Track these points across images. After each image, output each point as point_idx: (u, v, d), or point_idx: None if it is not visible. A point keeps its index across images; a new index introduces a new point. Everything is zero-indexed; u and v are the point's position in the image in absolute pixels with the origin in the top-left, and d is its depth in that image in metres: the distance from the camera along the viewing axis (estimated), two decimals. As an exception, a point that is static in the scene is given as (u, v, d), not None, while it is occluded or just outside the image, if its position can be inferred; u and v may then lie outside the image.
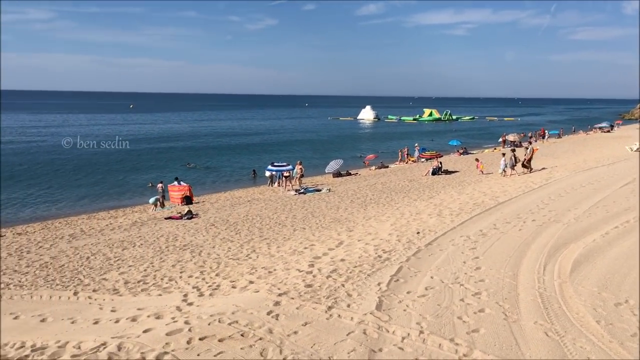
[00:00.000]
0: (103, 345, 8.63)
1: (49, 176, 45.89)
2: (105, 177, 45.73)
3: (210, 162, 56.62)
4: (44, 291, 14.21)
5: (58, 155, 59.67)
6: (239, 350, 8.00)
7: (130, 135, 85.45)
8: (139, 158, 58.68)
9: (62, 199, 36.82)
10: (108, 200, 36.93)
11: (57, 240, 22.07)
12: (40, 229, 26.66)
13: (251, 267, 14.65)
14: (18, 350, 9.36)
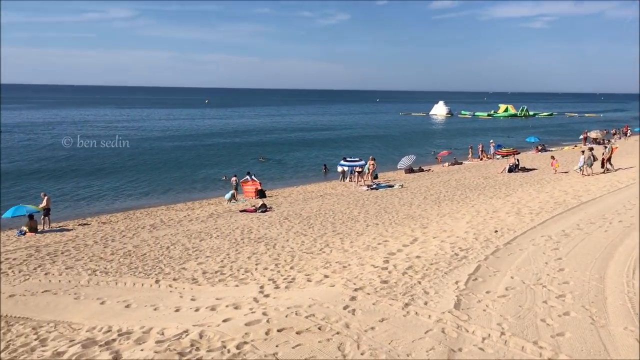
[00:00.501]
0: (185, 333, 8.91)
1: (136, 169, 47.89)
2: (184, 171, 47.24)
3: (282, 157, 57.34)
4: (127, 278, 14.84)
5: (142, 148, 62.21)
6: (317, 343, 8.05)
7: (206, 130, 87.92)
8: (214, 152, 60.23)
9: (147, 191, 38.36)
10: (185, 192, 38.14)
11: (139, 230, 22.99)
12: (123, 219, 27.88)
13: (325, 261, 14.71)
14: (106, 334, 9.83)
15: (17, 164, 48.21)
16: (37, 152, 56.49)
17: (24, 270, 16.70)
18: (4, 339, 10.47)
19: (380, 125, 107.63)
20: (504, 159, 45.73)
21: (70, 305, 12.61)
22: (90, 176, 43.16)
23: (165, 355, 7.89)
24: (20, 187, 37.89)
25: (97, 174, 44.45)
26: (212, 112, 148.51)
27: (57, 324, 11.15)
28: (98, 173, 44.82)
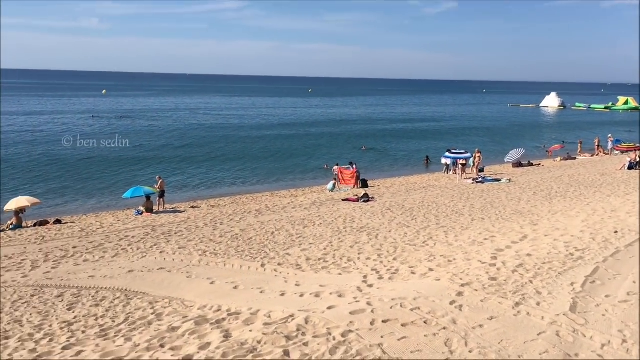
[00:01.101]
0: (291, 317, 9.08)
1: (242, 156, 49.61)
2: (287, 159, 48.27)
3: (385, 147, 57.00)
4: (235, 260, 15.39)
5: (247, 135, 64.33)
6: (423, 337, 7.92)
7: (308, 119, 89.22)
8: (316, 141, 61.00)
9: (252, 178, 39.63)
10: (288, 180, 38.99)
11: (245, 215, 23.76)
12: (230, 203, 28.96)
13: (429, 254, 14.45)
14: (216, 312, 10.24)
15: (140, 149, 51.38)
16: (157, 138, 59.89)
17: (142, 247, 17.79)
18: (124, 311, 11.21)
19: (486, 116, 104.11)
20: (623, 154, 42.66)
21: (183, 283, 13.28)
22: (201, 163, 45.21)
23: (272, 337, 8.09)
24: (140, 170, 40.43)
25: (208, 160, 46.46)
26: (314, 101, 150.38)
27: (172, 300, 11.78)
28: (208, 160, 46.83)
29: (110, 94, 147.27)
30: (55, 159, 43.70)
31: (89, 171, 39.35)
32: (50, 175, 37.70)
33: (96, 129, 65.29)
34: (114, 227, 22.30)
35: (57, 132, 60.53)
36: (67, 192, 33.16)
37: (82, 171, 39.26)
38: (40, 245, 19.02)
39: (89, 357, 8.21)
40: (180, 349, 8.14)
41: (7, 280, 14.58)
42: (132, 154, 48.03)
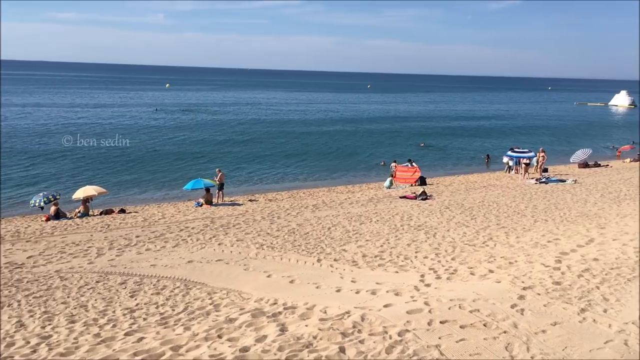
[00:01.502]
0: (347, 314, 9.03)
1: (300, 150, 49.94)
2: (345, 154, 48.25)
3: (443, 144, 56.14)
4: (291, 255, 15.47)
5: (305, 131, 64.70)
6: (482, 340, 7.71)
7: (367, 115, 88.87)
8: (374, 137, 60.70)
9: (307, 172, 39.84)
10: (345, 175, 38.97)
11: (302, 209, 23.88)
12: (288, 197, 29.20)
13: (489, 255, 14.09)
14: (272, 306, 10.31)
15: (202, 142, 52.52)
16: (218, 132, 61.07)
17: (201, 239, 18.16)
18: (184, 301, 11.46)
19: (552, 115, 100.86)
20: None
21: (241, 275, 13.46)
22: (259, 157, 45.79)
23: (328, 333, 8.06)
24: (201, 163, 41.35)
25: (266, 155, 46.99)
26: (374, 97, 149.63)
27: (229, 291, 11.95)
28: (267, 154, 47.36)
29: (173, 88, 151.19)
30: (123, 151, 45.23)
31: (153, 163, 40.56)
32: (118, 167, 39.06)
33: (160, 122, 67.18)
34: (175, 218, 22.87)
35: (127, 125, 62.63)
36: (132, 183, 34.28)
37: (146, 163, 40.51)
38: (106, 234, 19.71)
39: (149, 344, 8.41)
40: (237, 340, 8.23)
41: (74, 266, 15.19)
42: (194, 147, 49.16)
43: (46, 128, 57.29)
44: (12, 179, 33.82)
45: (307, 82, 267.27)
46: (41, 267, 15.16)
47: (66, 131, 54.81)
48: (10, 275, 14.41)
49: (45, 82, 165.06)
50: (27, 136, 51.08)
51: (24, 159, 39.95)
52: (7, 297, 12.42)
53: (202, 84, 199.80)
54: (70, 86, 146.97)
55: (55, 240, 18.72)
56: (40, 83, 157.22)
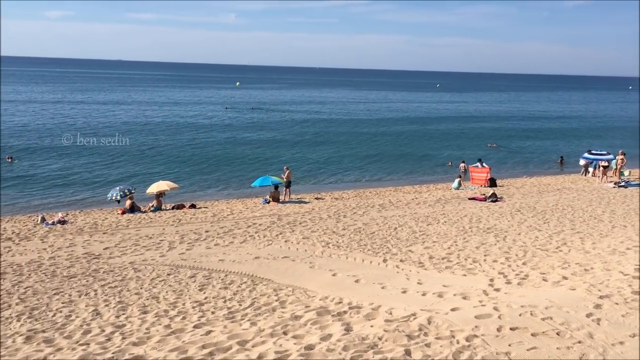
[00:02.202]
0: (413, 316, 8.90)
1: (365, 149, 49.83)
2: (412, 154, 47.74)
3: (515, 145, 54.53)
4: (357, 254, 15.43)
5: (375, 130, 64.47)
6: (555, 349, 7.39)
7: (436, 114, 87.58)
8: (442, 137, 59.79)
9: (374, 171, 39.69)
10: (412, 175, 38.58)
11: (368, 209, 23.78)
12: (354, 196, 29.16)
13: (563, 261, 13.54)
14: (337, 305, 10.30)
15: (270, 140, 53.34)
16: (286, 129, 61.84)
17: (268, 235, 18.41)
18: (250, 296, 11.64)
19: (632, 116, 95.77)
20: None
21: (306, 273, 13.53)
22: (326, 155, 45.99)
23: (394, 335, 7.96)
24: (269, 160, 41.96)
25: (333, 153, 47.13)
26: (443, 96, 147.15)
27: (295, 288, 12.04)
28: (333, 152, 47.50)
29: (243, 86, 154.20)
30: (194, 148, 46.53)
31: (222, 160, 41.53)
32: (189, 163, 40.24)
33: (230, 120, 68.67)
34: (243, 214, 23.30)
35: (199, 123, 64.40)
36: (201, 178, 35.24)
37: (216, 160, 41.52)
38: (177, 228, 20.32)
39: (217, 337, 8.59)
40: (303, 337, 8.27)
41: (147, 258, 15.74)
42: (262, 145, 49.96)
43: (127, 125, 59.67)
44: (98, 172, 35.51)
45: (376, 81, 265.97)
46: (116, 259, 15.81)
47: (144, 129, 56.97)
48: (88, 265, 15.11)
49: (124, 80, 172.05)
50: (114, 131, 53.41)
51: (103, 154, 41.82)
52: (85, 286, 13.02)
53: (272, 82, 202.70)
54: (149, 85, 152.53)
55: (129, 233, 19.48)
56: (121, 81, 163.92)
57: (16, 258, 16.14)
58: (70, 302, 11.74)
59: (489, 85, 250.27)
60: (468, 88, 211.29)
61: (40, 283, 13.38)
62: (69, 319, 10.64)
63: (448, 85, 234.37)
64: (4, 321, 10.67)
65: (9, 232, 20.26)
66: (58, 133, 50.85)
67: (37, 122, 59.37)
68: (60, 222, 21.96)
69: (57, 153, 41.67)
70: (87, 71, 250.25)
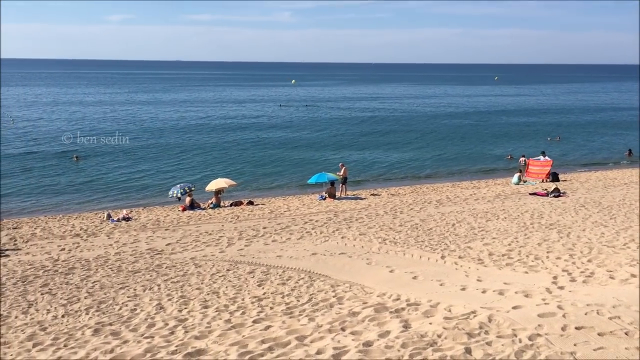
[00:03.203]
0: (473, 313, 8.74)
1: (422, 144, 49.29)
2: (469, 148, 46.87)
3: (579, 138, 52.71)
4: (414, 250, 15.29)
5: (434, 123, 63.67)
6: (623, 350, 7.11)
7: (494, 107, 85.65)
8: (501, 130, 58.42)
9: (431, 166, 39.21)
10: (470, 170, 37.85)
11: (425, 205, 23.52)
12: (410, 192, 28.89)
13: (631, 258, 13.00)
14: (395, 301, 10.24)
15: (325, 136, 53.53)
16: (342, 126, 61.88)
17: (324, 232, 18.50)
18: (308, 292, 11.73)
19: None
20: None
21: (363, 269, 13.52)
22: (383, 151, 45.78)
23: (453, 333, 7.85)
24: (325, 156, 42.12)
25: (390, 148, 46.85)
26: (501, 89, 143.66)
27: (352, 285, 12.05)
28: (390, 148, 47.21)
29: (299, 84, 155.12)
30: (250, 146, 47.21)
31: (278, 157, 41.94)
32: (246, 160, 40.85)
33: (285, 117, 69.20)
34: (300, 211, 23.48)
35: (255, 122, 65.29)
36: (259, 175, 35.69)
37: (271, 157, 41.96)
38: (235, 224, 20.70)
39: (276, 332, 8.70)
40: (360, 334, 8.26)
41: (207, 254, 16.12)
42: (317, 141, 50.16)
43: (185, 124, 61.11)
44: (161, 170, 36.62)
45: (432, 75, 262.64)
46: (178, 254, 16.25)
47: (202, 128, 58.23)
48: (151, 260, 15.60)
49: (183, 80, 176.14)
50: (174, 130, 54.88)
51: (164, 153, 43.01)
52: (149, 280, 13.46)
53: (327, 79, 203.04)
54: (206, 84, 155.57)
55: (190, 229, 19.98)
56: (180, 81, 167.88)
57: (84, 253, 16.84)
58: (135, 296, 12.16)
59: (549, 77, 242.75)
60: (527, 80, 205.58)
61: (107, 277, 13.92)
62: (134, 312, 11.02)
63: (506, 77, 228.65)
64: (73, 314, 11.17)
65: (77, 229, 21.15)
66: (123, 132, 52.71)
67: (104, 122, 61.61)
68: (125, 219, 22.75)
69: (122, 151, 43.15)
70: (148, 72, 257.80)
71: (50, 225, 22.39)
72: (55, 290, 13.02)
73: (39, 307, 11.74)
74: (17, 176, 33.91)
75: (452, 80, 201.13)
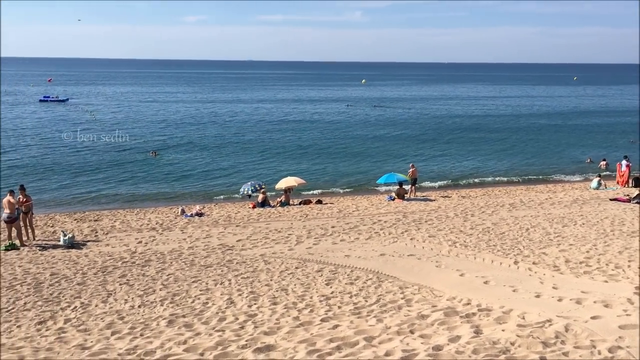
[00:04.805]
0: (548, 322, 8.43)
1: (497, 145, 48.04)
2: (546, 150, 45.29)
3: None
4: (486, 254, 14.92)
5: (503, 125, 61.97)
6: None
7: (572, 109, 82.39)
8: (580, 132, 56.10)
9: (504, 168, 38.17)
10: (546, 173, 36.58)
11: (497, 208, 22.89)
12: (482, 195, 28.23)
13: None
14: (465, 306, 10.03)
15: (393, 137, 53.13)
16: (411, 126, 61.24)
17: (393, 232, 18.35)
18: (376, 293, 11.67)
19: None
20: None
21: (432, 272, 13.32)
22: (453, 151, 44.93)
23: (527, 341, 7.60)
24: (394, 157, 41.81)
25: (461, 149, 45.93)
26: (582, 89, 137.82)
27: (421, 287, 11.89)
28: (461, 148, 46.28)
29: (369, 84, 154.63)
30: (317, 145, 47.48)
31: (345, 157, 41.97)
32: (313, 159, 41.14)
33: (356, 116, 69.09)
34: (368, 211, 23.40)
35: (321, 120, 65.65)
36: (328, 174, 35.86)
37: (339, 156, 42.05)
38: (304, 223, 20.88)
39: (344, 332, 8.71)
40: (430, 337, 8.14)
41: (276, 251, 16.34)
42: (386, 142, 49.82)
43: (256, 122, 62.21)
44: (231, 167, 37.51)
45: (509, 75, 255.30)
46: (248, 251, 16.57)
47: (272, 126, 59.10)
48: (222, 256, 15.99)
49: (256, 79, 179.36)
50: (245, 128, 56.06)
51: (237, 150, 43.98)
52: (220, 275, 13.79)
53: (398, 79, 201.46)
54: (277, 83, 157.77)
55: (260, 226, 20.32)
56: (255, 81, 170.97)
57: (160, 247, 17.47)
58: (207, 290, 12.50)
59: (633, 78, 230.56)
60: (609, 80, 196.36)
61: (181, 271, 14.37)
62: (206, 305, 11.33)
63: (587, 77, 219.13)
64: (149, 305, 11.60)
65: (153, 223, 21.96)
66: (201, 129, 54.43)
67: (182, 119, 63.58)
68: (198, 214, 23.42)
69: (198, 148, 44.49)
70: (222, 72, 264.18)
71: (128, 218, 23.36)
72: (132, 281, 13.57)
73: (118, 297, 12.28)
74: (97, 170, 35.56)
75: (528, 80, 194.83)
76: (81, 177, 33.69)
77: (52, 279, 14.00)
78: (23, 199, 18.98)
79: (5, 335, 10.01)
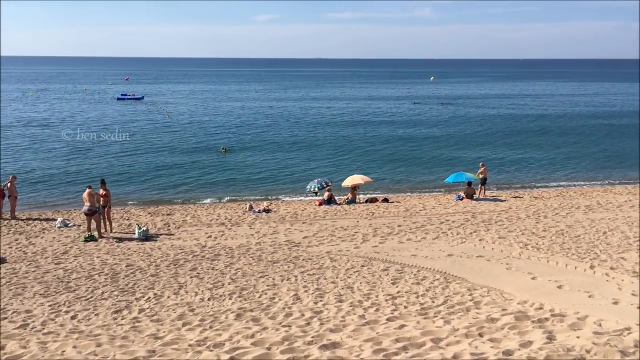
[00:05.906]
0: (627, 330, 8.02)
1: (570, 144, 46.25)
2: (626, 151, 43.14)
3: None
4: (559, 258, 14.40)
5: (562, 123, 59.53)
6: None
7: None
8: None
9: (578, 169, 36.67)
10: (625, 174, 34.83)
11: (572, 210, 22.03)
12: (555, 196, 27.20)
13: None
14: (537, 310, 9.70)
15: (466, 135, 52.05)
16: (483, 124, 59.83)
17: (461, 233, 18.00)
18: (443, 294, 11.47)
19: None
20: None
21: (502, 274, 12.97)
22: (527, 151, 43.54)
23: (604, 349, 7.24)
24: (464, 155, 40.97)
25: (533, 149, 44.47)
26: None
27: (490, 290, 11.60)
28: (534, 148, 44.80)
29: (438, 81, 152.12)
30: (387, 142, 47.14)
31: (414, 155, 41.46)
32: (380, 157, 40.87)
33: (423, 115, 68.14)
34: (435, 210, 23.05)
35: (393, 118, 65.17)
36: (394, 173, 35.51)
37: (404, 155, 41.58)
38: (370, 221, 20.80)
39: (410, 332, 8.60)
40: (500, 341, 7.91)
41: (342, 249, 16.37)
42: (454, 141, 48.83)
43: (324, 120, 62.45)
44: (299, 164, 37.88)
45: (587, 71, 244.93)
46: (314, 248, 16.69)
47: (341, 124, 59.18)
48: (289, 252, 16.17)
49: (326, 77, 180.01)
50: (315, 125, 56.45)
51: (303, 148, 44.34)
52: (287, 271, 13.96)
53: (468, 76, 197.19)
54: (347, 81, 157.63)
55: (326, 224, 20.41)
56: (325, 79, 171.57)
57: (228, 242, 17.87)
58: (273, 286, 12.68)
59: None
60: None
61: (249, 266, 14.65)
62: (272, 300, 11.49)
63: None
64: (218, 298, 11.89)
65: (222, 218, 22.48)
66: (272, 127, 55.29)
67: (253, 116, 64.70)
68: (265, 210, 23.78)
69: (268, 145, 45.12)
70: (292, 70, 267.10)
71: (198, 213, 24.01)
72: (202, 274, 13.95)
73: (188, 289, 12.65)
74: (170, 166, 36.71)
75: (611, 77, 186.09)
76: (156, 172, 34.88)
77: (127, 270, 14.60)
78: (103, 192, 19.89)
79: (85, 323, 10.51)
